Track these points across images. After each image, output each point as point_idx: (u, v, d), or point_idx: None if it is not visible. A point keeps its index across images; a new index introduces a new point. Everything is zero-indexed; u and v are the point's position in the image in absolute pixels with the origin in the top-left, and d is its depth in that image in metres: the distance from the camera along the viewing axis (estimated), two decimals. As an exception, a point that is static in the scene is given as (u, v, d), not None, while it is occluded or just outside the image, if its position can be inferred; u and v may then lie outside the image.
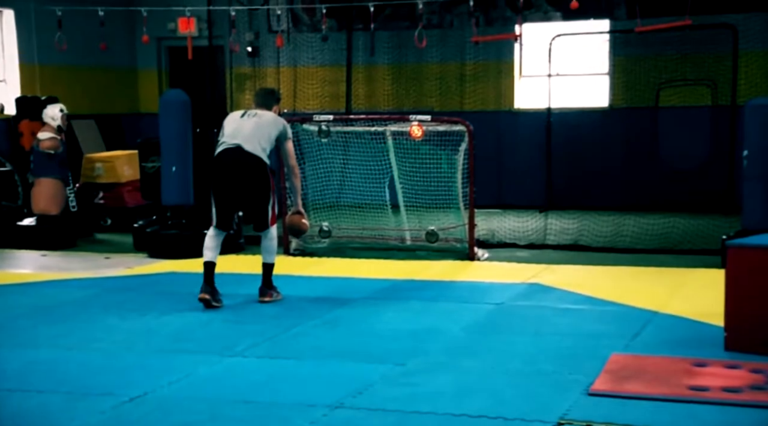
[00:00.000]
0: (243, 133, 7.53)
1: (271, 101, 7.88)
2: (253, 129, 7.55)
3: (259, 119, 7.63)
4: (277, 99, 8.02)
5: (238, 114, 7.80)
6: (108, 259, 9.98)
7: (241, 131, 7.54)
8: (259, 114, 7.67)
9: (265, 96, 8.00)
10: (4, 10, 13.26)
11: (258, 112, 7.70)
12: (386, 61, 14.24)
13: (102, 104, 14.74)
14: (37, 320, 7.27)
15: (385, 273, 9.13)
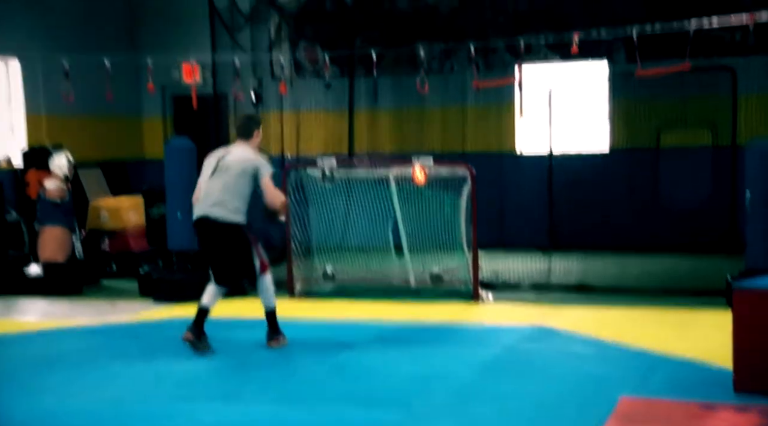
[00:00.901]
0: (213, 197, 7.50)
1: (251, 128, 7.73)
2: (223, 190, 7.47)
3: (227, 176, 7.49)
4: (257, 123, 7.86)
5: (213, 162, 7.69)
6: (114, 306, 10.00)
7: (211, 194, 7.52)
8: (229, 163, 7.52)
9: (244, 125, 7.79)
10: (11, 59, 13.42)
11: (229, 161, 7.54)
12: (389, 106, 14.37)
13: (107, 152, 14.85)
14: (43, 369, 7.27)
15: (390, 316, 9.14)
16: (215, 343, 7.70)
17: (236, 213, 7.50)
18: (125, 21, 15.45)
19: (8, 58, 13.41)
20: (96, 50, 12.94)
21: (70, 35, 14.04)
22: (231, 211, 7.47)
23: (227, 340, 8.10)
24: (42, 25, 13.71)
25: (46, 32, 13.73)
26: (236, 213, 7.50)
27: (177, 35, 14.83)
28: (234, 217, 7.50)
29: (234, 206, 7.48)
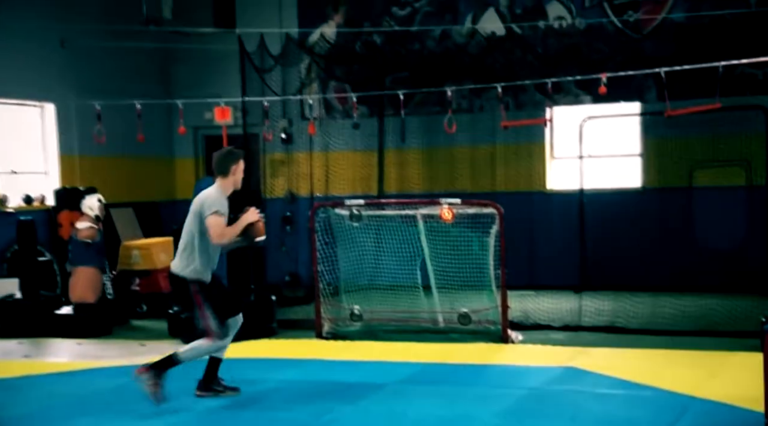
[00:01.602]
0: (178, 247, 7.21)
1: (228, 164, 7.11)
2: (182, 238, 7.14)
3: (186, 222, 7.13)
4: (235, 158, 7.15)
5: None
6: (143, 346, 10.03)
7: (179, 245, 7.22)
8: (191, 211, 7.08)
9: (219, 160, 7.14)
10: (46, 104, 13.67)
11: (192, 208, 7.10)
12: (417, 145, 14.41)
13: (140, 192, 15.03)
14: (71, 411, 7.30)
15: (418, 356, 9.07)
16: (242, 382, 7.69)
17: (186, 265, 7.00)
18: (160, 63, 15.69)
19: (44, 103, 13.65)
20: (131, 93, 13.18)
21: (106, 79, 14.28)
22: (181, 262, 7.03)
23: (253, 380, 8.10)
24: (78, 69, 13.97)
25: (81, 76, 13.98)
26: (186, 265, 7.00)
27: (209, 77, 15.05)
28: (182, 271, 7.02)
29: (184, 257, 7.00)
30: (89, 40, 13.73)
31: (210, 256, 7.04)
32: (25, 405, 7.49)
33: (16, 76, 13.00)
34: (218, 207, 6.89)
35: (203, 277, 7.02)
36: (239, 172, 7.15)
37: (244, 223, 7.01)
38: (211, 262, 7.09)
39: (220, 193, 7.02)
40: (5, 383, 8.41)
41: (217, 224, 6.86)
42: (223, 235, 6.90)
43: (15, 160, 13.30)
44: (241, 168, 7.14)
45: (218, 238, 6.88)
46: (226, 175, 7.09)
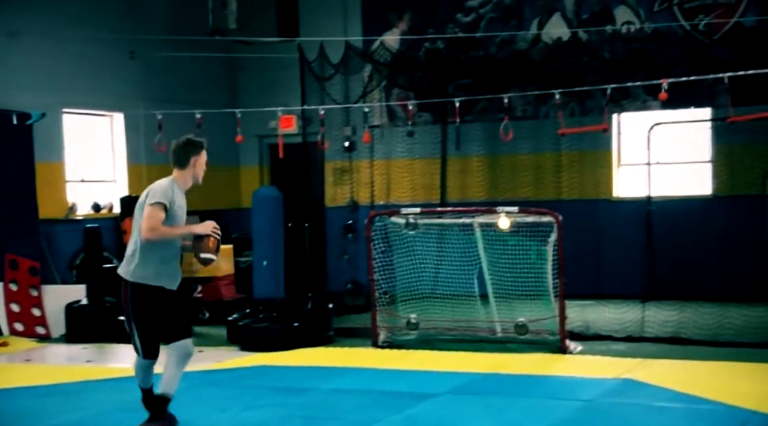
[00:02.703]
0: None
1: (188, 154, 6.30)
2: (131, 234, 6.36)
3: (134, 219, 6.34)
4: (196, 148, 6.33)
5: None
6: (201, 352, 10.13)
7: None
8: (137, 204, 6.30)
9: (177, 150, 6.34)
10: (115, 113, 13.98)
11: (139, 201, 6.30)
12: (480, 152, 14.30)
13: (205, 200, 15.21)
14: (124, 416, 7.39)
15: (472, 366, 8.97)
16: (293, 390, 7.70)
17: (126, 265, 6.20)
18: (226, 73, 15.92)
19: (113, 112, 13.96)
20: (198, 102, 13.39)
21: (173, 89, 14.56)
22: (125, 261, 6.22)
23: (304, 389, 8.12)
24: (146, 79, 14.27)
25: (150, 86, 14.27)
26: (126, 265, 6.20)
27: (274, 86, 15.20)
28: (122, 270, 6.24)
29: (128, 256, 6.19)
30: (157, 50, 14.01)
31: (159, 258, 6.09)
32: (79, 410, 7.63)
33: (87, 86, 13.34)
34: (161, 198, 6.02)
35: (147, 281, 6.10)
36: (200, 165, 6.30)
37: (189, 230, 6.18)
38: (163, 265, 6.13)
39: (172, 185, 6.19)
40: (65, 388, 8.59)
41: (151, 216, 5.97)
42: (154, 229, 5.95)
43: (85, 169, 13.63)
44: (202, 160, 6.29)
45: (147, 232, 5.95)
46: (184, 167, 6.26)
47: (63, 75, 12.93)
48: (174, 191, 6.19)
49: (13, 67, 12.20)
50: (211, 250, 6.24)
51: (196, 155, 6.31)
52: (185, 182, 6.34)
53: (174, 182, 6.26)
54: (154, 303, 6.15)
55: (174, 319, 6.25)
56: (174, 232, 6.10)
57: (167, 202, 6.04)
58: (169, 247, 6.17)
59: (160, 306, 6.15)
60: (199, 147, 6.35)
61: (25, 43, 12.36)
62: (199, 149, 6.34)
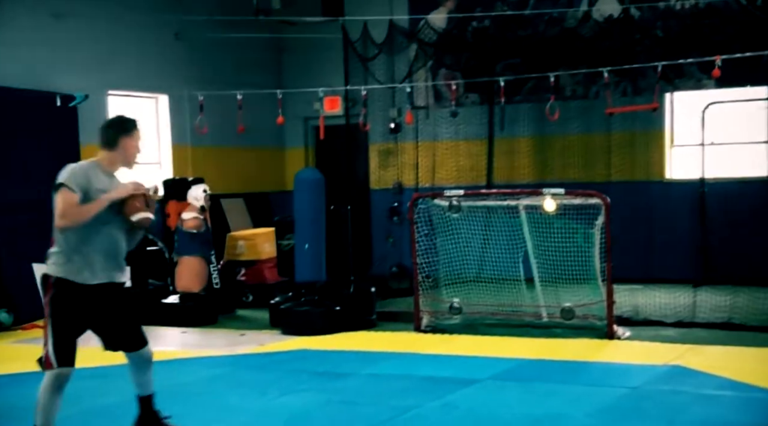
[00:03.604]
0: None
1: (116, 135, 5.48)
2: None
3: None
4: (128, 129, 5.52)
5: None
6: (243, 336, 10.12)
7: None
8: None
9: (105, 130, 5.55)
10: (160, 95, 13.99)
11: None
12: (528, 133, 14.03)
13: (250, 183, 15.22)
14: (163, 399, 7.32)
15: (516, 352, 8.80)
16: (333, 375, 7.59)
17: (50, 257, 5.42)
18: (271, 54, 15.84)
19: (158, 94, 13.97)
20: (243, 83, 13.33)
21: (218, 70, 14.51)
22: (49, 256, 5.44)
23: (344, 373, 8.03)
24: (191, 60, 14.24)
25: (194, 67, 14.24)
26: (50, 257, 5.42)
27: (318, 66, 15.07)
28: (47, 266, 5.42)
29: (52, 250, 5.41)
30: (202, 32, 13.97)
31: (85, 248, 5.28)
32: (119, 393, 7.59)
33: (132, 68, 13.35)
34: (66, 180, 5.21)
35: (69, 275, 5.30)
36: (132, 148, 5.47)
37: (108, 199, 5.27)
38: (90, 257, 5.30)
39: (90, 166, 5.38)
40: (106, 371, 8.56)
41: (61, 200, 5.18)
42: (65, 214, 5.14)
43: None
44: (134, 143, 5.49)
45: (59, 219, 5.16)
46: (112, 148, 5.44)
47: (108, 57, 12.94)
48: (92, 173, 5.33)
49: (58, 48, 12.23)
50: (141, 209, 5.37)
51: (127, 136, 5.46)
52: (112, 165, 5.46)
53: (96, 164, 5.41)
54: (77, 302, 5.30)
55: (122, 324, 5.55)
56: (90, 210, 5.19)
57: (74, 185, 5.19)
58: (96, 234, 5.28)
59: (84, 305, 5.32)
60: (130, 127, 5.52)
61: (71, 24, 12.38)
62: (131, 129, 5.51)
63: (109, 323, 5.53)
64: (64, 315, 5.30)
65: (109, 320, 5.51)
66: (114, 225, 5.41)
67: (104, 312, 5.47)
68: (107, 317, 5.50)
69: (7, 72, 11.43)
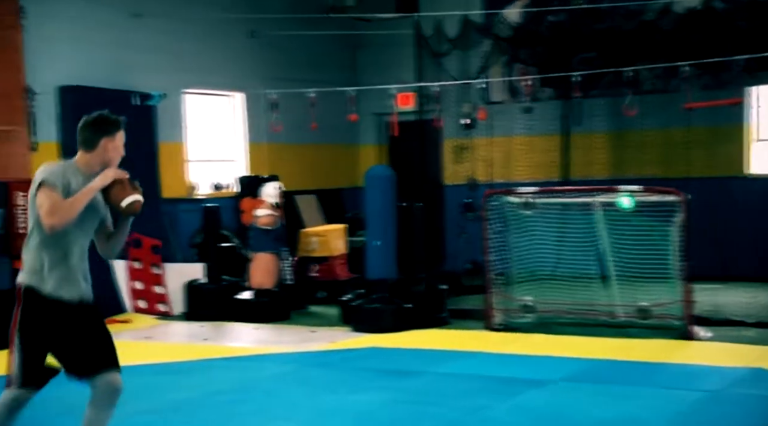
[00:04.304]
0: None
1: (96, 136, 4.91)
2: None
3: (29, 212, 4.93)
4: (109, 129, 4.93)
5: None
6: (314, 333, 10.14)
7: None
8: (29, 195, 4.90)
9: (85, 129, 4.96)
10: (235, 93, 14.12)
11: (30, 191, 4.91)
12: (605, 128, 13.76)
13: (324, 179, 15.27)
14: (234, 396, 7.42)
15: (590, 352, 8.62)
16: (402, 373, 7.53)
17: (23, 268, 4.90)
18: (345, 51, 15.86)
19: (234, 92, 14.10)
20: (318, 80, 13.36)
21: (293, 67, 14.59)
22: (23, 266, 4.89)
23: (413, 372, 7.97)
24: (266, 58, 14.33)
25: (269, 65, 14.33)
26: (23, 268, 4.90)
27: (393, 63, 15.02)
28: (21, 276, 4.88)
29: (25, 257, 4.89)
30: (276, 29, 14.04)
31: (59, 257, 4.78)
32: (192, 389, 7.69)
33: (208, 67, 13.50)
34: (47, 177, 4.76)
35: (43, 288, 4.76)
36: (114, 149, 4.92)
37: (92, 188, 4.80)
38: (63, 266, 4.79)
39: (66, 167, 4.90)
40: (180, 366, 8.70)
41: (45, 198, 4.71)
42: (54, 211, 4.66)
43: (206, 149, 13.84)
44: (116, 144, 4.92)
45: (49, 217, 4.67)
46: (91, 149, 4.90)
47: (185, 56, 13.10)
48: (70, 174, 4.85)
49: (137, 48, 12.42)
50: (128, 193, 4.92)
51: (108, 137, 4.91)
52: (89, 166, 4.90)
53: (72, 165, 4.91)
54: (49, 317, 4.77)
55: (90, 343, 4.86)
56: (78, 201, 4.72)
57: (56, 183, 4.75)
58: (74, 245, 4.82)
59: (57, 321, 4.78)
60: (113, 127, 4.95)
61: (149, 24, 12.57)
62: (113, 131, 4.94)
63: (81, 342, 4.84)
64: (33, 330, 4.75)
65: (81, 339, 4.83)
66: (89, 234, 4.92)
67: (77, 331, 4.83)
68: (79, 336, 4.83)
69: (87, 71, 11.66)
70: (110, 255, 5.10)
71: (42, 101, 11.17)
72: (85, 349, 4.83)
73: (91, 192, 4.78)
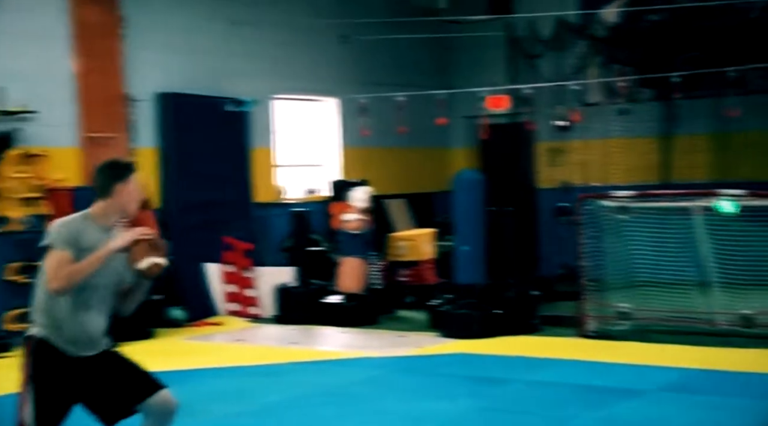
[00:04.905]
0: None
1: (110, 182, 4.62)
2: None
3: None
4: (122, 174, 4.64)
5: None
6: (402, 338, 10.02)
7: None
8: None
9: (98, 176, 4.70)
10: (328, 98, 14.15)
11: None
12: (707, 130, 13.27)
13: (415, 183, 15.16)
14: (321, 400, 7.38)
15: (688, 361, 8.26)
16: (491, 381, 7.36)
17: (34, 315, 4.64)
18: (438, 54, 15.74)
19: (326, 97, 14.13)
20: (410, 84, 13.27)
21: (386, 71, 14.55)
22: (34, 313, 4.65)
23: (502, 380, 7.77)
24: (358, 62, 14.34)
25: (362, 69, 14.33)
26: (34, 315, 4.64)
27: (486, 65, 14.84)
28: (32, 326, 4.65)
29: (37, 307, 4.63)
30: (369, 34, 14.02)
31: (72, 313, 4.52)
32: (280, 392, 7.68)
33: (300, 72, 13.56)
34: (54, 239, 4.49)
35: (57, 342, 4.52)
36: (128, 194, 4.64)
37: (107, 252, 4.50)
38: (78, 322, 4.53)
39: (80, 220, 4.62)
40: (270, 369, 8.72)
41: (50, 263, 4.47)
42: (59, 276, 4.41)
43: (298, 154, 13.90)
44: (130, 189, 4.65)
45: (52, 283, 4.42)
46: (107, 196, 4.63)
47: (278, 62, 13.19)
48: (82, 228, 4.58)
49: (232, 55, 12.56)
50: (148, 254, 4.62)
51: (121, 182, 4.65)
52: (106, 216, 4.64)
53: (87, 217, 4.65)
54: (62, 371, 4.54)
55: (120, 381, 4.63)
56: (85, 268, 4.47)
57: (63, 244, 4.48)
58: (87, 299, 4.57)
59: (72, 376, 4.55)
60: (124, 172, 4.70)
61: (244, 32, 12.69)
62: (126, 174, 4.69)
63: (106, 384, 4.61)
64: (47, 384, 4.52)
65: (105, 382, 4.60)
66: (108, 289, 4.65)
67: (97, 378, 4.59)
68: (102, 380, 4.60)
69: (183, 78, 11.84)
70: (125, 312, 4.79)
71: (141, 108, 11.40)
72: (118, 388, 4.60)
73: (103, 256, 4.49)
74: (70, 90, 10.70)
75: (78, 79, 10.74)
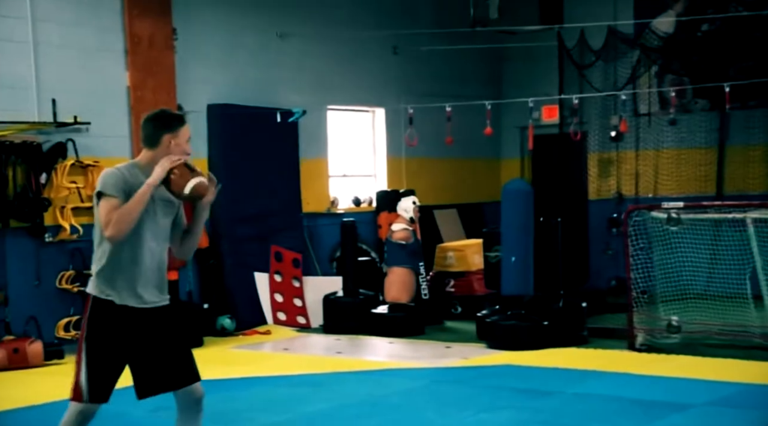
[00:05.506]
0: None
1: (158, 131, 4.60)
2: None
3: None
4: (172, 125, 4.61)
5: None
6: (448, 348, 9.98)
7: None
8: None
9: (145, 126, 4.67)
10: (376, 109, 14.19)
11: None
12: (762, 141, 13.02)
13: (464, 194, 15.11)
14: (363, 410, 7.36)
15: (740, 376, 8.07)
16: (537, 393, 7.27)
17: (93, 277, 4.64)
18: (489, 64, 15.71)
19: (375, 108, 14.17)
20: (462, 94, 13.25)
21: (436, 82, 14.56)
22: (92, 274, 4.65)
23: (548, 392, 7.69)
24: (409, 73, 14.36)
25: (412, 80, 14.35)
26: (93, 277, 4.64)
27: (538, 75, 14.75)
28: (89, 283, 4.67)
29: (94, 267, 4.63)
30: (419, 45, 14.04)
31: (127, 264, 4.53)
32: (323, 402, 7.69)
33: (350, 83, 13.63)
34: (104, 186, 4.47)
35: (111, 296, 4.53)
36: (178, 146, 4.59)
37: (150, 185, 4.47)
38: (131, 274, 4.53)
39: (128, 169, 4.59)
40: (314, 379, 8.73)
41: (102, 209, 4.44)
42: (113, 221, 4.38)
43: (347, 164, 13.95)
44: (181, 139, 4.60)
45: (108, 228, 4.40)
46: (154, 146, 4.60)
47: (328, 73, 13.27)
48: (130, 175, 4.55)
49: (281, 66, 12.67)
50: (188, 178, 4.51)
51: (171, 133, 4.58)
52: (152, 165, 4.59)
53: (134, 166, 4.62)
54: (118, 327, 4.53)
55: (168, 355, 4.61)
56: (135, 205, 4.43)
57: (114, 191, 4.45)
58: (141, 248, 4.55)
59: (127, 332, 4.54)
60: (174, 123, 4.62)
61: (293, 43, 12.80)
62: (176, 126, 4.62)
63: (156, 353, 4.59)
64: (101, 342, 4.52)
65: (155, 350, 4.59)
66: (162, 238, 4.66)
67: (150, 340, 4.59)
68: (153, 346, 4.59)
69: (234, 90, 11.97)
70: (187, 255, 4.82)
71: (192, 119, 11.55)
72: (164, 367, 4.58)
73: (147, 191, 4.45)
74: (124, 102, 10.89)
75: (131, 91, 10.92)
